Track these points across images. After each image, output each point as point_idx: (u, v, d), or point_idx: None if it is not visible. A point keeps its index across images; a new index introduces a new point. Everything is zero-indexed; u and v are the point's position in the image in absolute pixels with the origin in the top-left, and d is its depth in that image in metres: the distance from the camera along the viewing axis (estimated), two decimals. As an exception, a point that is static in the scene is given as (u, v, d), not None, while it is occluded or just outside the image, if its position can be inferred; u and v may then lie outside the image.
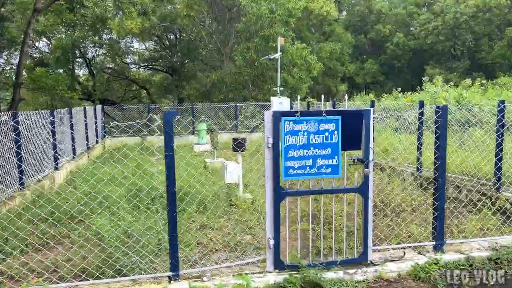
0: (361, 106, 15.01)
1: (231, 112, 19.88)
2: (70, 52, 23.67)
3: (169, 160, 3.89)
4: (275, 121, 3.90)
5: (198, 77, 24.47)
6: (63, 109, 12.35)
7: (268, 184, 3.99)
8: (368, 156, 4.16)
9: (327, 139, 4.03)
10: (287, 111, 3.95)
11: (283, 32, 20.90)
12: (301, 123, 3.95)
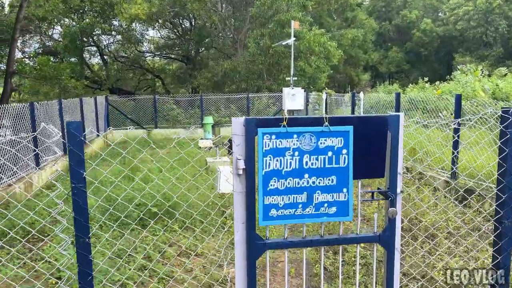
0: (382, 98, 13.37)
1: (243, 103, 18.47)
2: (79, 40, 22.62)
3: (78, 197, 2.51)
4: (248, 134, 2.48)
5: (210, 66, 23.07)
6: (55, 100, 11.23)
7: (238, 232, 2.59)
8: (395, 187, 2.69)
9: (331, 162, 2.58)
10: (268, 119, 2.51)
11: (300, 16, 19.24)
12: (290, 137, 2.51)
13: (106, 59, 30.04)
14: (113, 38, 28.57)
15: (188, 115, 18.22)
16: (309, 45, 19.22)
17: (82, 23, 21.50)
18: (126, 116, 17.53)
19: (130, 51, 30.60)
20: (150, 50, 33.89)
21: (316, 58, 20.28)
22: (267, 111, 18.51)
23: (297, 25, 14.07)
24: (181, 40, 29.08)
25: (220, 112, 18.42)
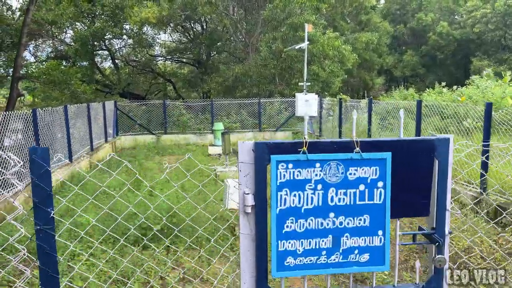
0: (397, 103, 12.67)
1: (254, 108, 17.97)
2: (90, 44, 22.41)
3: (44, 242, 2.01)
4: (259, 163, 1.97)
5: (221, 70, 22.65)
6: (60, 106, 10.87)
7: (245, 284, 2.07)
8: (442, 227, 2.14)
9: (363, 198, 2.05)
10: (283, 143, 1.99)
11: (314, 19, 18.69)
12: (311, 166, 1.99)
13: (118, 63, 29.87)
14: (125, 42, 28.38)
15: (198, 121, 17.78)
16: (323, 48, 18.65)
17: (93, 27, 21.27)
18: (135, 122, 17.16)
19: (142, 55, 30.39)
20: (162, 54, 33.69)
21: (330, 62, 19.69)
22: (279, 117, 17.98)
23: (311, 28, 13.54)
24: (192, 44, 28.75)
25: (231, 118, 17.94)
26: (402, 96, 24.56)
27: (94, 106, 13.99)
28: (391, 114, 11.78)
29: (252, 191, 2.00)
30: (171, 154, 14.15)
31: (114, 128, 16.24)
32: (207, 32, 26.66)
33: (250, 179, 1.99)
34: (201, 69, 28.37)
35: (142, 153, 13.80)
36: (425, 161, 2.08)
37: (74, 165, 10.59)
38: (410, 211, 2.16)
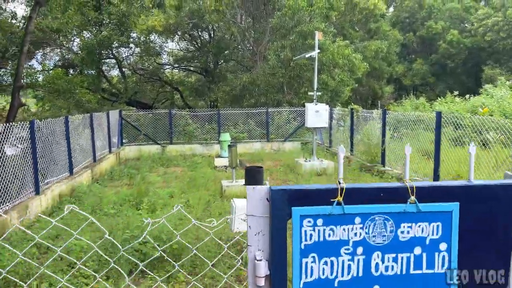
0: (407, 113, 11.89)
1: (262, 118, 17.44)
2: (97, 52, 22.12)
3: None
4: (276, 218, 1.41)
5: (228, 79, 22.19)
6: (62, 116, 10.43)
7: None
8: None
9: (420, 265, 1.48)
10: (309, 190, 1.43)
11: (323, 27, 18.19)
12: (349, 223, 1.43)
13: (125, 71, 29.61)
14: (132, 51, 28.12)
15: (204, 131, 17.26)
16: (333, 57, 18.11)
17: (99, 36, 20.98)
18: (140, 131, 16.71)
19: (149, 63, 30.12)
20: (169, 62, 33.42)
21: (339, 71, 19.14)
22: (288, 126, 17.42)
23: (321, 36, 13.01)
24: (200, 52, 28.41)
25: (238, 128, 17.42)
26: (413, 105, 23.91)
27: (98, 115, 13.55)
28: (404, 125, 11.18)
29: (266, 256, 1.44)
30: (176, 165, 13.64)
31: (118, 138, 15.79)
32: (215, 40, 26.30)
33: (264, 240, 1.44)
34: (209, 78, 27.97)
35: (146, 165, 13.30)
36: (504, 213, 1.51)
37: (75, 178, 10.10)
38: (482, 284, 1.58)
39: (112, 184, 10.98)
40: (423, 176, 9.19)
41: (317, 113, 11.67)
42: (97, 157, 12.65)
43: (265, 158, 14.87)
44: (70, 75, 24.88)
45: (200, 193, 9.01)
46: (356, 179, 10.17)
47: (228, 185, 9.31)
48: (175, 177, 11.42)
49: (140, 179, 10.31)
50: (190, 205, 8.14)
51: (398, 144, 11.07)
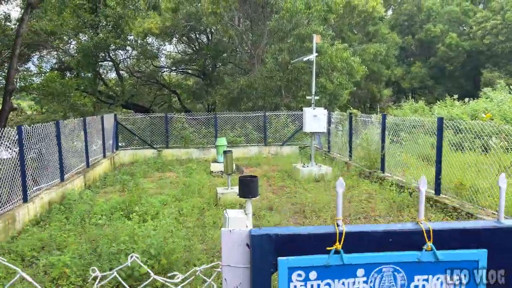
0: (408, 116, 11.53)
1: (259, 122, 17.15)
2: (93, 55, 21.82)
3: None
4: (258, 270, 1.11)
5: (225, 82, 21.92)
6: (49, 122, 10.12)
7: None
8: None
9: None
10: (299, 235, 1.13)
11: (321, 30, 17.95)
12: (349, 275, 1.12)
13: (122, 74, 29.31)
14: (129, 53, 27.84)
15: (201, 135, 16.97)
16: (331, 60, 17.86)
17: (96, 38, 20.68)
18: (135, 135, 16.40)
19: (146, 66, 29.83)
20: (167, 65, 33.16)
21: (338, 74, 18.88)
22: (286, 130, 17.13)
23: (319, 39, 12.74)
24: (197, 55, 28.14)
25: (235, 131, 17.13)
26: (412, 108, 23.65)
27: (92, 119, 13.25)
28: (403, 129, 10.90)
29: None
30: (172, 170, 13.33)
31: (113, 143, 15.48)
32: (212, 43, 26.06)
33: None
34: (206, 81, 27.70)
35: (141, 170, 12.99)
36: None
37: (66, 185, 9.78)
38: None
39: (104, 190, 10.67)
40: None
41: (315, 117, 11.39)
42: (91, 162, 12.33)
43: (262, 162, 14.58)
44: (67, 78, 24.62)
45: (194, 201, 8.71)
46: (355, 186, 9.88)
47: (223, 192, 9.01)
48: (170, 183, 11.12)
49: (133, 186, 9.99)
50: (183, 213, 7.84)
51: (398, 149, 10.79)
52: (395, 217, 7.22)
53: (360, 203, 8.25)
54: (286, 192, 9.84)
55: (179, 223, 7.19)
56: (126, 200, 8.26)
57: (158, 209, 7.77)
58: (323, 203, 8.30)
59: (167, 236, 5.96)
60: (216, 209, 8.25)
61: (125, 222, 6.88)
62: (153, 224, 6.53)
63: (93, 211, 7.86)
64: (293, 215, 7.88)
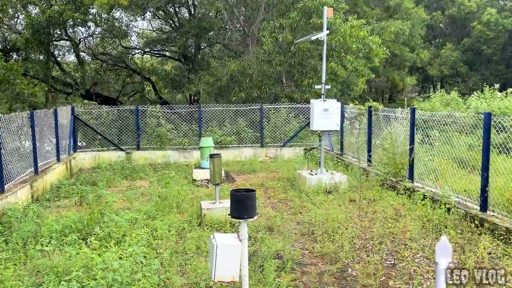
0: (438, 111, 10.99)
1: (255, 117, 16.78)
2: (45, 33, 21.30)
3: None
4: None
5: (212, 67, 21.54)
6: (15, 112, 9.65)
7: None
8: None
9: None
10: None
11: (332, 3, 17.62)
12: None
13: (83, 56, 28.79)
14: (92, 31, 27.33)
15: (181, 133, 16.54)
16: (344, 40, 17.53)
17: (49, 11, 20.17)
18: (98, 133, 15.95)
19: (113, 47, 29.35)
20: (139, 46, 32.68)
21: (352, 57, 18.56)
22: (287, 128, 16.78)
23: (331, 13, 12.37)
24: (177, 33, 27.69)
25: (224, 129, 16.74)
26: (443, 101, 23.42)
27: (42, 113, 12.78)
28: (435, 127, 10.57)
29: None
30: (143, 178, 12.91)
31: (70, 143, 15.02)
32: (196, 18, 25.61)
33: None
34: (188, 66, 27.30)
35: (104, 177, 12.56)
36: None
37: (7, 198, 9.32)
38: None
39: (57, 204, 10.24)
40: (464, 196, 8.55)
41: (326, 112, 11.03)
42: (40, 168, 11.87)
43: (258, 168, 14.23)
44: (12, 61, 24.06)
45: (172, 219, 8.30)
46: (377, 200, 9.53)
47: (209, 207, 8.61)
48: (141, 195, 10.72)
49: (93, 199, 9.56)
50: (158, 236, 7.42)
51: (429, 151, 10.46)
52: (432, 241, 6.85)
53: (385, 222, 7.89)
54: (289, 207, 9.46)
55: (152, 249, 6.77)
56: (83, 218, 7.83)
57: (125, 231, 7.34)
58: (337, 221, 7.92)
59: (136, 268, 5.54)
60: (200, 230, 7.85)
61: (82, 248, 6.45)
62: (118, 252, 6.10)
63: (40, 233, 7.42)
64: (300, 237, 7.50)
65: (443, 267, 0.89)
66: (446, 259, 0.89)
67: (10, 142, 10.59)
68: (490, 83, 23.56)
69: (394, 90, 37.10)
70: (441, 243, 0.90)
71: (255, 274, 5.88)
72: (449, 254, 0.90)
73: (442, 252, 0.88)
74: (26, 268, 6.12)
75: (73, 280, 4.95)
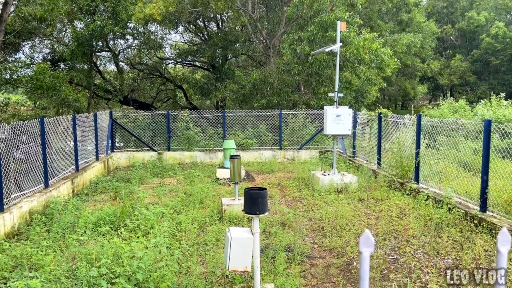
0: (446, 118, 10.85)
1: (274, 121, 16.80)
2: (88, 44, 21.79)
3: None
4: None
5: (236, 76, 21.62)
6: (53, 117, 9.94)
7: None
8: None
9: None
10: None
11: (347, 18, 17.51)
12: None
13: (121, 66, 29.32)
14: (130, 43, 27.83)
15: (207, 135, 16.69)
16: (358, 52, 17.39)
17: (92, 26, 20.64)
18: (133, 135, 16.23)
19: (149, 57, 29.78)
20: (172, 56, 33.04)
21: (365, 67, 18.39)
22: (304, 132, 16.73)
23: (344, 27, 12.31)
24: (206, 45, 27.94)
25: (246, 132, 16.80)
26: (451, 108, 22.98)
27: (84, 117, 13.10)
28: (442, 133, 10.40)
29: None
30: (172, 176, 13.08)
31: (108, 143, 15.32)
32: (223, 32, 25.80)
33: None
34: (216, 74, 27.47)
35: (137, 175, 12.77)
36: None
37: (51, 192, 9.59)
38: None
39: (95, 198, 10.46)
40: (466, 197, 8.40)
41: (338, 117, 10.98)
42: (81, 166, 12.15)
43: (277, 169, 14.23)
44: (59, 70, 24.69)
45: (195, 213, 8.40)
46: (384, 199, 9.44)
47: (229, 203, 8.68)
48: (169, 191, 10.86)
49: (125, 195, 9.75)
50: (182, 228, 7.53)
51: (435, 155, 10.30)
52: (432, 239, 6.76)
53: (390, 220, 7.81)
54: (302, 204, 9.45)
55: (176, 240, 6.87)
56: (116, 212, 8.00)
57: (153, 223, 7.47)
58: (346, 219, 7.89)
59: (159, 257, 5.64)
60: (220, 224, 7.92)
61: (113, 238, 6.59)
62: (144, 242, 6.23)
63: (77, 224, 7.62)
64: (310, 233, 7.49)
65: (366, 255, 0.92)
66: (369, 249, 0.93)
67: (55, 143, 10.91)
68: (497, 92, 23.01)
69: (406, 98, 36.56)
70: (364, 235, 0.93)
71: (267, 265, 5.91)
72: (371, 244, 0.94)
73: (365, 242, 0.92)
74: (63, 255, 6.30)
75: (103, 266, 5.08)
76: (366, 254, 0.96)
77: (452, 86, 39.49)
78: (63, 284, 5.09)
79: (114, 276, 5.06)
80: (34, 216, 8.37)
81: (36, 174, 9.43)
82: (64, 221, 7.73)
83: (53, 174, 10.28)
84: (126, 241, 6.49)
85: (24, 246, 6.53)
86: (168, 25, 22.33)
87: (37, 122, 9.65)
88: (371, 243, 0.93)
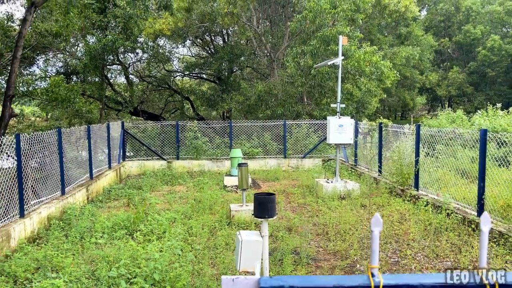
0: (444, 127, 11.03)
1: (279, 131, 16.98)
2: (100, 58, 22.13)
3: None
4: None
5: (242, 88, 21.87)
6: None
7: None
8: None
9: None
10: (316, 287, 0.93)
11: (348, 32, 17.76)
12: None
13: (131, 78, 29.68)
14: (139, 56, 28.20)
15: (215, 145, 16.89)
16: (359, 64, 17.60)
17: (104, 40, 20.99)
18: (144, 145, 16.44)
19: (158, 70, 30.16)
20: (180, 69, 33.42)
21: (366, 79, 18.60)
22: (307, 141, 16.90)
23: (345, 41, 12.54)
24: (213, 59, 28.30)
25: (252, 142, 16.99)
26: (449, 118, 23.11)
27: (97, 127, 13.32)
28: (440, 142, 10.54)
29: None
30: (181, 184, 13.25)
31: (120, 153, 15.53)
32: (229, 46, 26.14)
33: None
34: (222, 86, 27.79)
35: (148, 183, 12.95)
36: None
37: (67, 198, 9.78)
38: None
39: (108, 205, 10.64)
40: (463, 203, 8.52)
41: (340, 127, 11.15)
42: (94, 174, 12.35)
43: (281, 177, 14.38)
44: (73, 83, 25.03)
45: (205, 219, 8.56)
46: (385, 205, 9.57)
47: (237, 209, 8.83)
48: (179, 198, 11.02)
49: (138, 201, 9.92)
50: (193, 233, 7.68)
51: (433, 163, 10.44)
52: (432, 242, 6.89)
53: (391, 225, 7.94)
54: (307, 210, 9.60)
55: (187, 244, 7.03)
56: (130, 217, 8.17)
57: (165, 228, 7.64)
58: (349, 224, 8.03)
59: (174, 259, 5.80)
60: (229, 229, 8.07)
61: (129, 241, 6.76)
62: (159, 245, 6.39)
63: (94, 229, 7.79)
64: (315, 237, 7.63)
65: (376, 234, 1.08)
66: (378, 228, 1.09)
67: (70, 152, 11.13)
68: (494, 102, 23.12)
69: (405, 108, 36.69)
70: (374, 217, 1.10)
71: (275, 267, 6.06)
72: (380, 224, 1.10)
73: (375, 223, 1.08)
74: (82, 258, 6.47)
75: (121, 267, 5.24)
76: (376, 232, 1.11)
77: (450, 97, 39.62)
78: (84, 284, 5.25)
79: (132, 277, 5.22)
80: (52, 222, 8.56)
81: (53, 181, 9.64)
82: (81, 226, 7.90)
83: (69, 182, 10.48)
84: (141, 244, 6.66)
85: (45, 249, 6.70)
86: (177, 39, 22.67)
87: (55, 132, 9.88)
88: (380, 223, 1.10)
